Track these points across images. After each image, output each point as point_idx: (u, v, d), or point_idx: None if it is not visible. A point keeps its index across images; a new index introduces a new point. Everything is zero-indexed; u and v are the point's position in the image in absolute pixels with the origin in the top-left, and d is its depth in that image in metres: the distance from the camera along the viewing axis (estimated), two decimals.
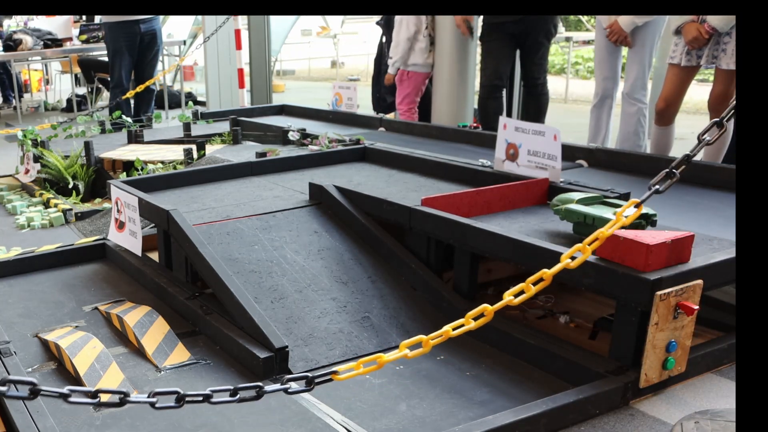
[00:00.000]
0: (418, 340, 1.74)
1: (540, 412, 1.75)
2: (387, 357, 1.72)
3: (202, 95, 9.11)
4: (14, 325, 2.51)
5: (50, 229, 3.82)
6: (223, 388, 1.57)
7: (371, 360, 1.72)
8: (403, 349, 1.73)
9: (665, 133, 4.15)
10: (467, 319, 1.76)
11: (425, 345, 1.74)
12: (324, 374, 1.67)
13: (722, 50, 3.75)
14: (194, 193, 3.29)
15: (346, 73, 14.18)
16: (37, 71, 10.84)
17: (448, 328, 1.75)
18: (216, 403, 1.55)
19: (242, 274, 2.44)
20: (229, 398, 1.57)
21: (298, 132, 4.33)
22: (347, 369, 1.71)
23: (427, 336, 1.75)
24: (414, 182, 3.25)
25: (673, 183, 1.83)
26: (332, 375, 1.68)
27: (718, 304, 2.39)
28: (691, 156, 1.82)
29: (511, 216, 2.64)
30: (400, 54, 5.32)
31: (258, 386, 1.59)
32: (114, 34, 6.35)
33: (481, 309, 1.76)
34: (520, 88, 5.52)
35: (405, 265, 2.54)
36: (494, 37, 4.91)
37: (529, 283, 1.78)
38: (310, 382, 1.65)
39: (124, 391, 1.50)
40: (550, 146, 2.84)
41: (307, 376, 1.65)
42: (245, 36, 7.88)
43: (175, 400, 1.53)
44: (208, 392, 1.55)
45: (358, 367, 1.72)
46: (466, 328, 1.76)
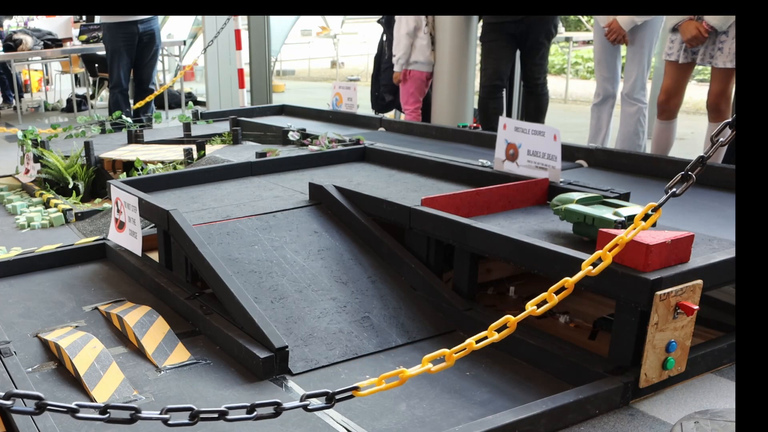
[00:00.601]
0: (441, 354, 1.69)
1: (540, 412, 1.75)
2: (410, 372, 1.66)
3: (202, 95, 9.11)
4: (14, 325, 2.51)
5: (50, 229, 3.82)
6: (239, 405, 1.49)
7: (393, 375, 1.65)
8: (426, 363, 1.67)
9: (667, 128, 4.13)
10: (490, 331, 1.73)
11: (448, 359, 1.70)
12: (344, 390, 1.59)
13: (719, 49, 3.75)
14: (194, 193, 3.29)
15: (346, 74, 14.17)
16: (37, 71, 10.84)
17: (471, 341, 1.71)
18: (232, 420, 1.47)
19: (242, 274, 2.44)
20: (246, 415, 1.49)
21: (298, 132, 4.33)
22: (369, 385, 1.64)
23: (450, 350, 1.70)
24: (414, 182, 3.25)
25: (690, 186, 1.82)
26: (353, 391, 1.60)
27: (718, 304, 2.39)
28: (706, 158, 1.81)
29: (511, 216, 2.64)
30: (402, 50, 5.32)
31: (276, 403, 1.50)
32: (112, 34, 6.36)
33: (504, 320, 1.73)
34: (520, 89, 5.52)
35: (405, 265, 2.54)
36: (494, 38, 4.91)
37: (552, 293, 1.76)
38: (331, 398, 1.56)
39: (135, 407, 1.43)
40: (549, 146, 2.84)
41: (327, 392, 1.57)
42: (245, 36, 7.88)
43: (189, 417, 1.45)
44: (223, 409, 1.47)
45: (380, 383, 1.65)
46: (489, 341, 1.72)
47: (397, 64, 5.42)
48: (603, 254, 1.82)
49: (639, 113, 4.36)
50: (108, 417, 1.42)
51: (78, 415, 1.40)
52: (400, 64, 5.39)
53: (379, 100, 5.90)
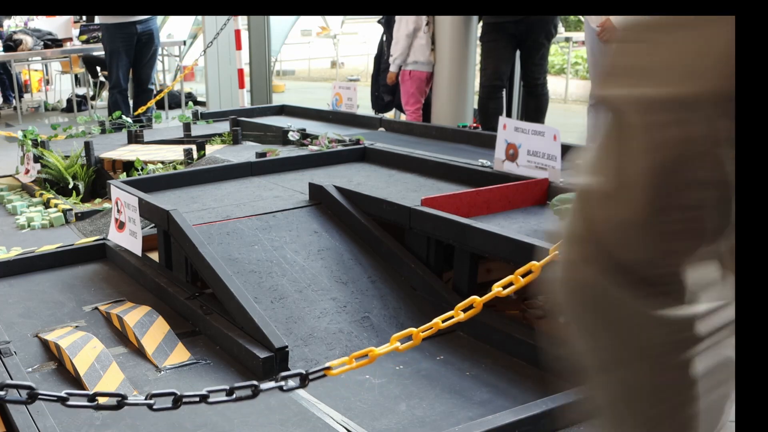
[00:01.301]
0: (408, 333, 1.76)
1: (540, 412, 1.75)
2: (378, 350, 1.74)
3: (202, 95, 9.10)
4: (14, 325, 2.51)
5: (50, 229, 3.82)
6: (219, 388, 1.58)
7: (363, 354, 1.74)
8: (394, 342, 1.76)
9: None
10: (456, 311, 1.79)
11: (415, 338, 1.76)
12: (317, 370, 1.69)
13: None
14: (194, 193, 3.29)
15: (345, 74, 14.17)
16: (37, 71, 10.83)
17: (437, 320, 1.77)
18: (213, 403, 1.57)
19: (242, 274, 2.44)
20: (226, 398, 1.58)
21: (298, 132, 4.33)
22: (340, 364, 1.73)
23: (417, 328, 1.76)
24: (414, 182, 3.25)
25: None
26: (325, 371, 1.70)
27: None
28: None
29: (511, 216, 2.64)
30: (400, 51, 5.31)
31: (254, 385, 1.61)
32: (110, 34, 6.36)
33: (470, 301, 1.77)
34: (520, 89, 5.51)
35: (405, 265, 2.54)
36: (494, 38, 4.91)
37: (518, 275, 1.79)
38: (305, 378, 1.67)
39: (121, 394, 1.51)
40: (549, 146, 2.84)
41: (301, 372, 1.67)
42: (245, 36, 7.88)
43: (172, 402, 1.54)
44: (204, 392, 1.56)
45: (351, 362, 1.74)
46: (455, 320, 1.78)
47: (393, 65, 5.42)
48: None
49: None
50: (96, 404, 1.50)
51: (68, 403, 1.46)
52: (396, 64, 5.39)
53: (379, 100, 5.90)
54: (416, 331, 1.76)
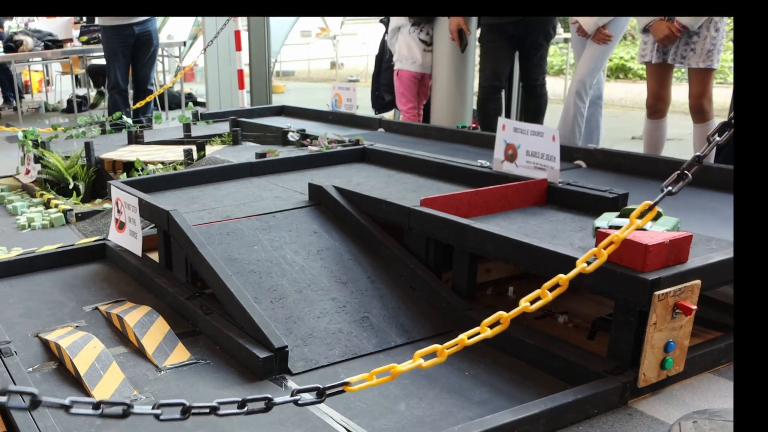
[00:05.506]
0: (432, 350, 1.69)
1: (539, 412, 1.76)
2: (401, 367, 1.66)
3: (202, 96, 9.11)
4: (15, 325, 2.52)
5: (51, 229, 3.83)
6: (230, 400, 1.49)
7: (384, 371, 1.66)
8: (417, 359, 1.67)
9: (657, 126, 4.10)
10: (483, 327, 1.73)
11: (440, 354, 1.69)
12: (335, 385, 1.60)
13: (691, 50, 3.73)
14: (194, 193, 3.29)
15: (345, 74, 14.17)
16: (37, 72, 10.84)
17: (463, 336, 1.71)
18: (223, 415, 1.47)
19: (242, 274, 2.45)
20: (237, 410, 1.48)
21: (298, 133, 4.33)
22: (359, 380, 1.64)
23: (442, 345, 1.69)
24: (413, 183, 3.26)
25: (686, 184, 1.83)
26: (344, 387, 1.61)
27: (717, 304, 2.40)
28: (702, 157, 1.82)
29: (510, 216, 2.65)
30: (393, 49, 5.33)
31: (267, 398, 1.51)
32: (108, 36, 6.37)
33: (497, 317, 1.73)
34: (519, 90, 5.51)
35: (404, 265, 2.55)
36: (493, 39, 4.91)
37: (545, 289, 1.77)
38: (321, 393, 1.57)
39: (127, 403, 1.42)
40: (548, 147, 2.84)
41: (318, 387, 1.58)
42: (245, 37, 7.88)
43: (180, 412, 1.45)
44: (215, 404, 1.46)
45: (371, 378, 1.65)
46: (481, 336, 1.72)
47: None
48: (598, 252, 1.83)
49: (577, 112, 4.39)
50: (101, 412, 1.40)
51: (72, 411, 1.39)
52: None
53: (379, 99, 5.91)
54: (441, 348, 1.69)
